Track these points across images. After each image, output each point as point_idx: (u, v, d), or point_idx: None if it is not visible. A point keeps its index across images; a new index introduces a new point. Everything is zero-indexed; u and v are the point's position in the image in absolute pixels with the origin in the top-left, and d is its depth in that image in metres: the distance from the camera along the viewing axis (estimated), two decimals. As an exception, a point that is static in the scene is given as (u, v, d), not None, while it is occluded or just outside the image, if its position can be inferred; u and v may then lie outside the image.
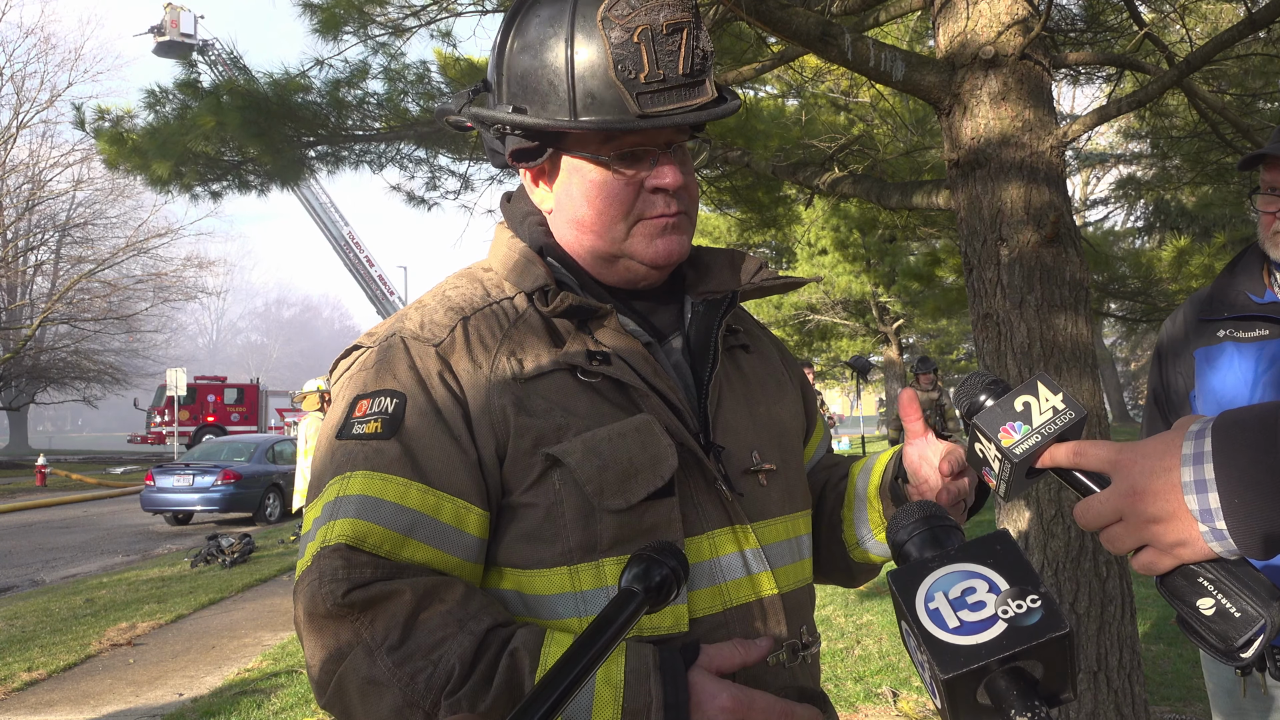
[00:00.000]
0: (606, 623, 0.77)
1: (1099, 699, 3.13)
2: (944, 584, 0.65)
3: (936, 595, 0.64)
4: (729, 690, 0.98)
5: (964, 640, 0.62)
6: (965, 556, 0.67)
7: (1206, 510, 0.75)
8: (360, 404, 1.07)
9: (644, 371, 1.10)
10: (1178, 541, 0.78)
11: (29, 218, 33.76)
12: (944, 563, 0.67)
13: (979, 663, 0.61)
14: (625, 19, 1.04)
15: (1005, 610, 0.63)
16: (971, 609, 0.63)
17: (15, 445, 39.04)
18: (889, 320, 19.83)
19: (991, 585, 0.64)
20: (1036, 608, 0.62)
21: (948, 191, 3.54)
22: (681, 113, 1.07)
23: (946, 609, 0.63)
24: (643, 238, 1.12)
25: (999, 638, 0.61)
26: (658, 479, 1.03)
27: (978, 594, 0.64)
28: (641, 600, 0.79)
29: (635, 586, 0.80)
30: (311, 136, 6.03)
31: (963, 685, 0.61)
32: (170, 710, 5.06)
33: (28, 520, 16.09)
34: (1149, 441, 0.81)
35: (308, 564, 1.00)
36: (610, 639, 0.75)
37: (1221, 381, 2.03)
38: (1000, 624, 0.62)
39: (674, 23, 1.05)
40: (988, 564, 0.66)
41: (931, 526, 0.73)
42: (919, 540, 0.72)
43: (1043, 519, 3.20)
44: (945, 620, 0.63)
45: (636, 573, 0.81)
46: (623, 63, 1.04)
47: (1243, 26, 3.20)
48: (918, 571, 0.67)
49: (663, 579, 0.81)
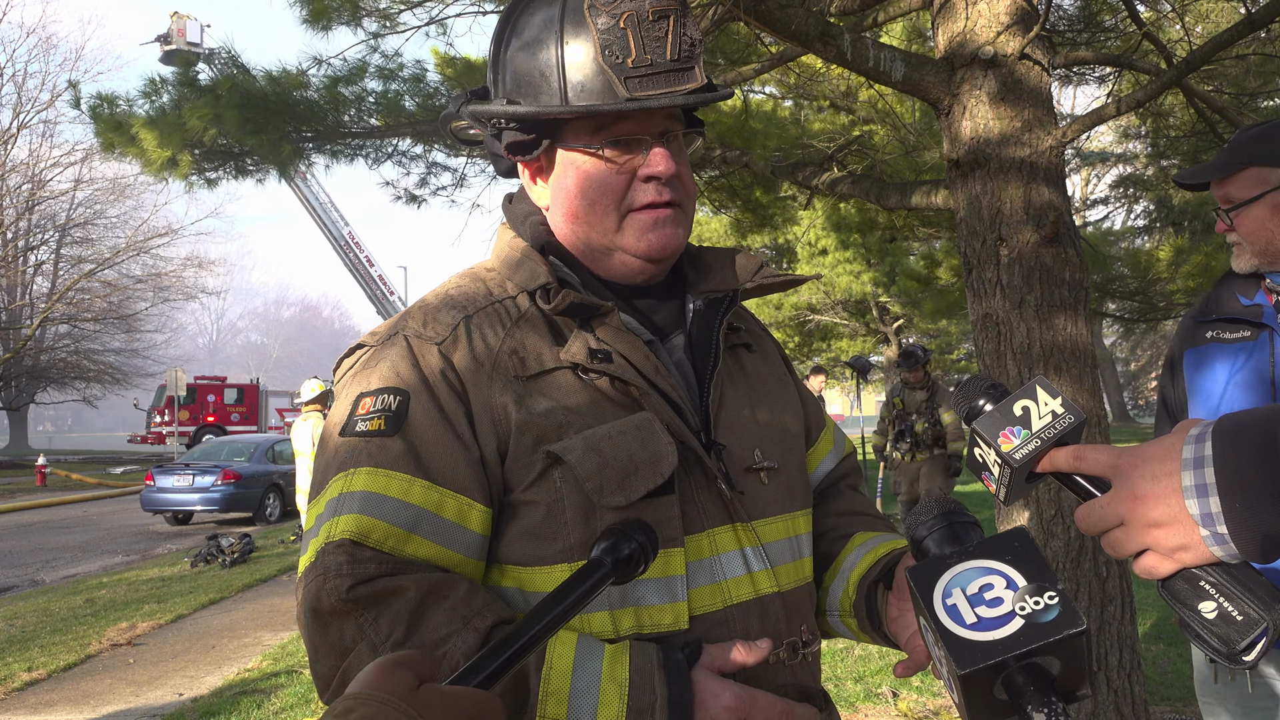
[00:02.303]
0: (571, 587, 0.77)
1: (1099, 699, 3.14)
2: (962, 580, 0.65)
3: (954, 591, 0.65)
4: (732, 689, 0.98)
5: (981, 636, 0.62)
6: (983, 553, 0.67)
7: (1207, 514, 0.75)
8: (364, 401, 1.07)
9: (645, 369, 1.10)
10: (1179, 546, 0.77)
11: (29, 218, 33.77)
12: (962, 559, 0.67)
13: (996, 658, 0.61)
14: (611, 6, 1.06)
15: (1023, 607, 0.63)
16: (989, 605, 0.63)
17: (15, 445, 39.04)
18: (889, 320, 19.83)
19: (1009, 582, 0.64)
20: (1054, 604, 0.63)
21: (947, 191, 3.54)
22: (670, 96, 1.07)
23: (964, 605, 0.64)
24: (635, 230, 1.12)
25: (1016, 634, 0.62)
26: (657, 476, 1.03)
27: (995, 590, 0.64)
28: (609, 570, 0.80)
29: (605, 558, 0.81)
30: (309, 132, 6.04)
31: (980, 681, 0.61)
32: (170, 710, 5.06)
33: (28, 520, 16.09)
34: (1150, 445, 0.81)
35: (311, 559, 1.00)
36: (574, 603, 0.76)
37: (1202, 382, 2.06)
38: (1018, 620, 0.62)
39: (660, 9, 1.07)
40: (1006, 560, 0.66)
41: (951, 523, 0.73)
42: (938, 536, 0.73)
43: (1043, 519, 3.21)
44: (963, 616, 0.63)
45: (606, 545, 0.82)
46: (609, 48, 1.06)
47: (1242, 26, 3.20)
48: (936, 567, 0.67)
49: (631, 553, 0.82)
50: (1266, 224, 1.96)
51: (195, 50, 30.56)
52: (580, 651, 0.98)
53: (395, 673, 0.63)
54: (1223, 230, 2.06)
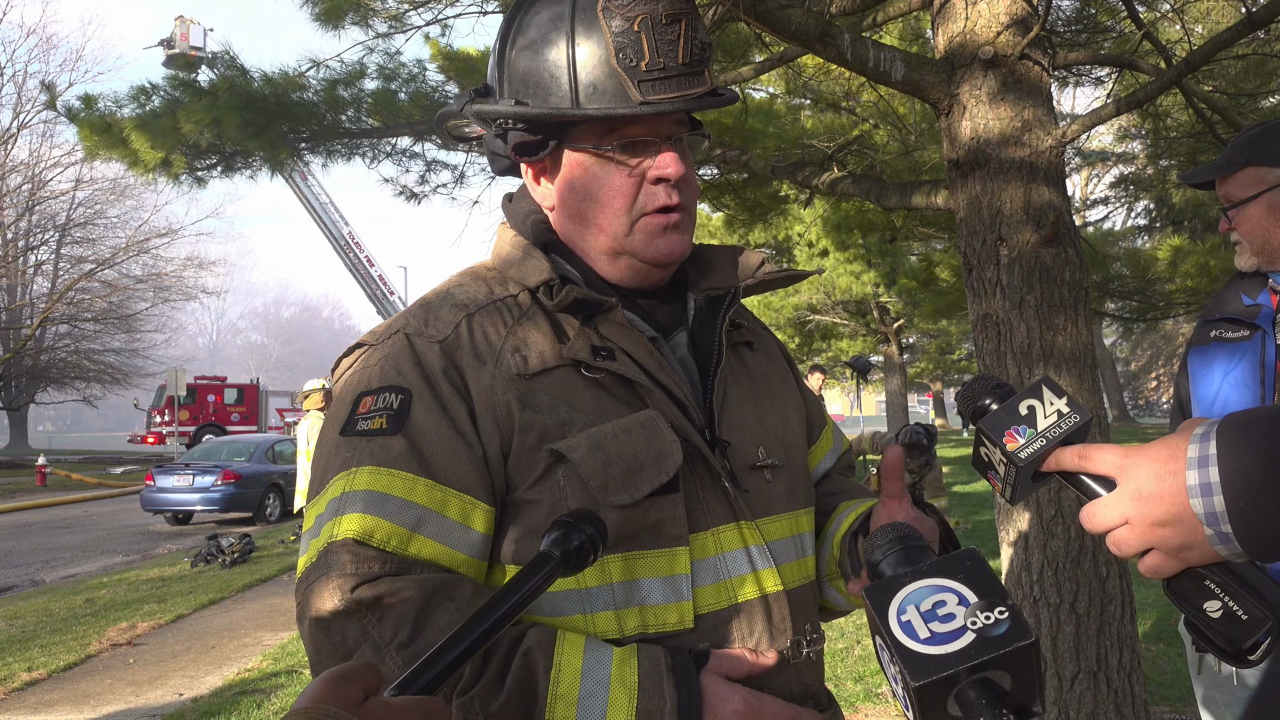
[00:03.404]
0: (520, 582, 0.78)
1: (1099, 699, 3.14)
2: (916, 598, 0.67)
3: (909, 608, 0.67)
4: (740, 694, 0.98)
5: (934, 650, 0.64)
6: (936, 572, 0.69)
7: (1212, 514, 0.75)
8: (364, 400, 1.07)
9: (649, 367, 1.10)
10: (1184, 545, 0.78)
11: (29, 218, 33.74)
12: (916, 578, 0.69)
13: (948, 670, 0.63)
14: (626, 8, 1.06)
15: (974, 621, 0.65)
16: (942, 620, 0.65)
17: (15, 445, 38.99)
18: (889, 320, 19.84)
19: (961, 599, 0.67)
20: (1004, 619, 0.65)
21: (947, 191, 3.54)
22: (683, 100, 1.07)
23: (918, 621, 0.66)
24: (644, 235, 1.12)
25: (968, 647, 0.64)
26: (662, 475, 1.03)
27: (948, 606, 0.66)
28: (557, 564, 0.81)
29: (553, 551, 0.82)
30: (307, 132, 6.04)
31: (933, 693, 0.63)
32: (170, 710, 5.06)
33: (28, 520, 16.08)
34: (1155, 445, 0.81)
35: (313, 559, 1.00)
36: (521, 599, 0.77)
37: (1202, 381, 2.09)
38: (969, 634, 0.64)
39: (673, 12, 1.06)
40: (958, 578, 0.68)
41: (905, 546, 0.76)
42: (893, 559, 0.75)
43: (1043, 519, 3.20)
44: (917, 631, 0.65)
45: (555, 537, 0.83)
46: (624, 50, 1.06)
47: (1242, 26, 3.20)
48: (891, 586, 0.69)
49: (580, 544, 0.83)
50: (1263, 223, 1.98)
51: (200, 55, 30.55)
52: (588, 655, 0.97)
53: (341, 686, 0.63)
54: (1224, 229, 2.07)
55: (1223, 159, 2.06)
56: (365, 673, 0.65)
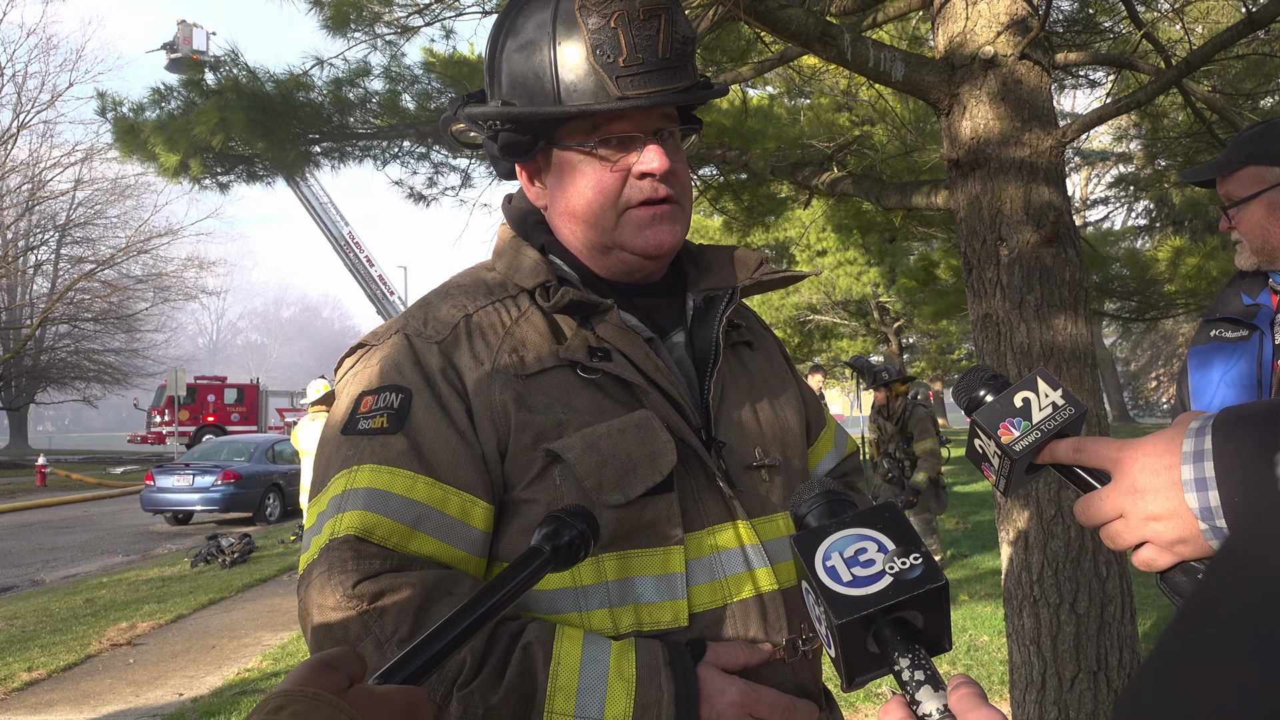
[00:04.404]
0: (509, 576, 0.80)
1: (1099, 699, 3.14)
2: (839, 545, 0.73)
3: (833, 555, 0.72)
4: (737, 685, 0.99)
5: (856, 591, 0.69)
6: (858, 522, 0.75)
7: (1207, 508, 0.75)
8: (365, 400, 1.08)
9: (645, 367, 1.10)
10: (1178, 539, 0.78)
11: (29, 218, 33.75)
12: (840, 528, 0.74)
13: (868, 610, 0.68)
14: (601, 6, 1.06)
15: (891, 566, 0.70)
16: (863, 565, 0.71)
17: (15, 445, 39.03)
18: (889, 320, 19.85)
19: (880, 546, 0.72)
20: (919, 564, 0.70)
21: (947, 191, 3.54)
22: (662, 94, 1.08)
23: (841, 566, 0.72)
24: (632, 227, 1.13)
25: (885, 589, 0.69)
26: (656, 474, 1.04)
27: (868, 553, 0.72)
28: (548, 558, 0.82)
29: (544, 545, 0.83)
30: (315, 134, 6.05)
31: (854, 632, 0.69)
32: (170, 710, 5.06)
33: (28, 520, 16.09)
34: (1150, 438, 0.81)
35: (314, 556, 1.01)
36: (510, 592, 0.79)
37: (1200, 380, 2.10)
38: (887, 578, 0.70)
39: (651, 8, 1.07)
40: (878, 528, 0.74)
41: (829, 500, 0.80)
42: (819, 511, 0.79)
43: (1042, 519, 3.21)
44: (840, 575, 0.71)
45: (546, 532, 0.84)
46: (600, 48, 1.06)
47: (1242, 26, 3.20)
48: (817, 535, 0.74)
49: (571, 539, 0.84)
50: (1262, 221, 1.98)
51: (203, 59, 30.46)
52: (587, 648, 0.98)
53: (325, 672, 0.64)
54: (1225, 228, 2.08)
55: (1223, 158, 2.07)
56: (350, 659, 0.66)
